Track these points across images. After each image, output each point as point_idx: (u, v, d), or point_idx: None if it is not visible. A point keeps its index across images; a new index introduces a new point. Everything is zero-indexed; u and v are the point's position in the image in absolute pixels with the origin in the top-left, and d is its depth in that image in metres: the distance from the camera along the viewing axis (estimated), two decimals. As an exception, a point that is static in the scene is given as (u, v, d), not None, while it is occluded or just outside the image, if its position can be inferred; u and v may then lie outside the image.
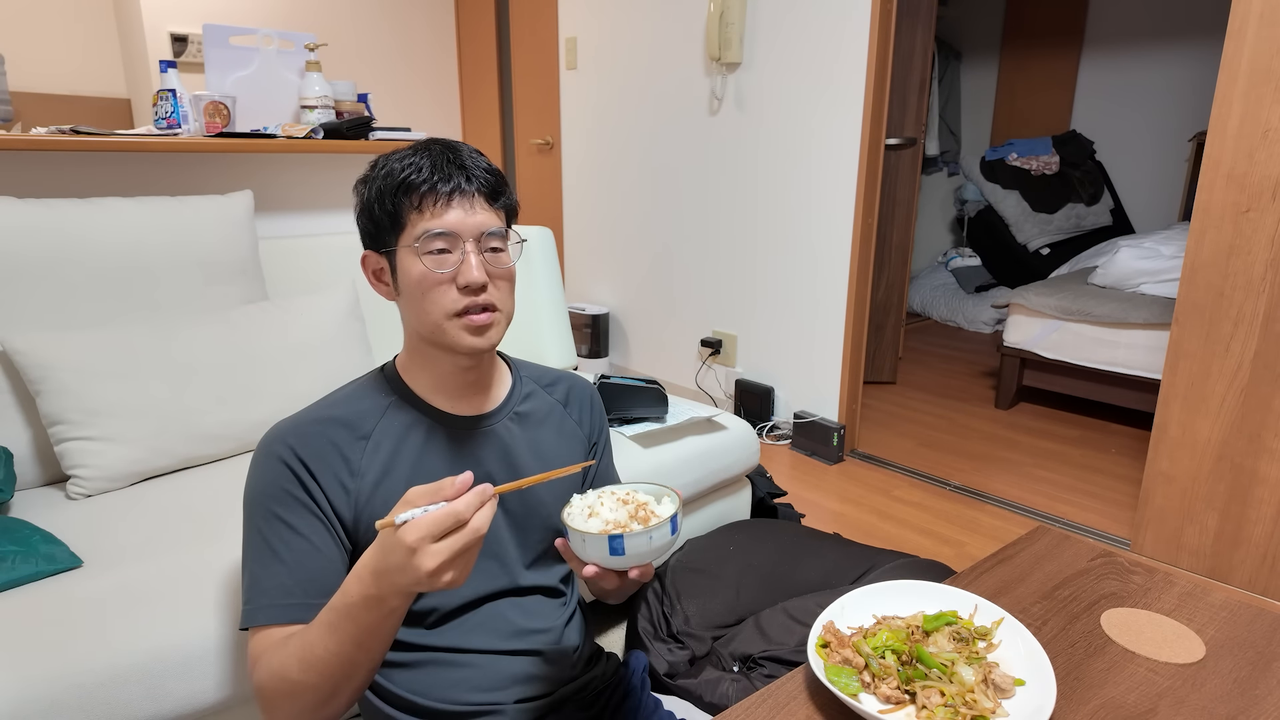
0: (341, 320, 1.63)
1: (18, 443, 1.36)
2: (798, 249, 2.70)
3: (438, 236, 0.82)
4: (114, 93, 3.57)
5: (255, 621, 0.79)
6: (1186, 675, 0.80)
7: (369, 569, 0.69)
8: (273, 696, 0.75)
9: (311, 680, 0.73)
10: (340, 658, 0.72)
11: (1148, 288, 2.86)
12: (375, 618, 0.70)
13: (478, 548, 0.67)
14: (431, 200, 0.82)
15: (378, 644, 0.73)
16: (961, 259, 4.69)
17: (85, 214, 1.43)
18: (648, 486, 0.80)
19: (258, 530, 0.82)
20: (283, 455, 0.83)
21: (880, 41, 2.37)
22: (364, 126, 1.93)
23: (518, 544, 0.93)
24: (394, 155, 0.86)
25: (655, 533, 0.71)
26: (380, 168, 0.86)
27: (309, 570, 0.80)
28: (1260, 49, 1.65)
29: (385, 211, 0.84)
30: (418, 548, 0.64)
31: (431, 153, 0.84)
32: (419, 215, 0.83)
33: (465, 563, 0.67)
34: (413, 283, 0.84)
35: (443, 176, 0.83)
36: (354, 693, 0.76)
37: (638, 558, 0.72)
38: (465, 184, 0.83)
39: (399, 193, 0.83)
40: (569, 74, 3.41)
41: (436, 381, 0.91)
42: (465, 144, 0.88)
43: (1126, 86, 4.33)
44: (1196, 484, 1.88)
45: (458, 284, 0.83)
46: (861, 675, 0.74)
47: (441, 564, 0.64)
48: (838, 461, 2.65)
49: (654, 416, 1.73)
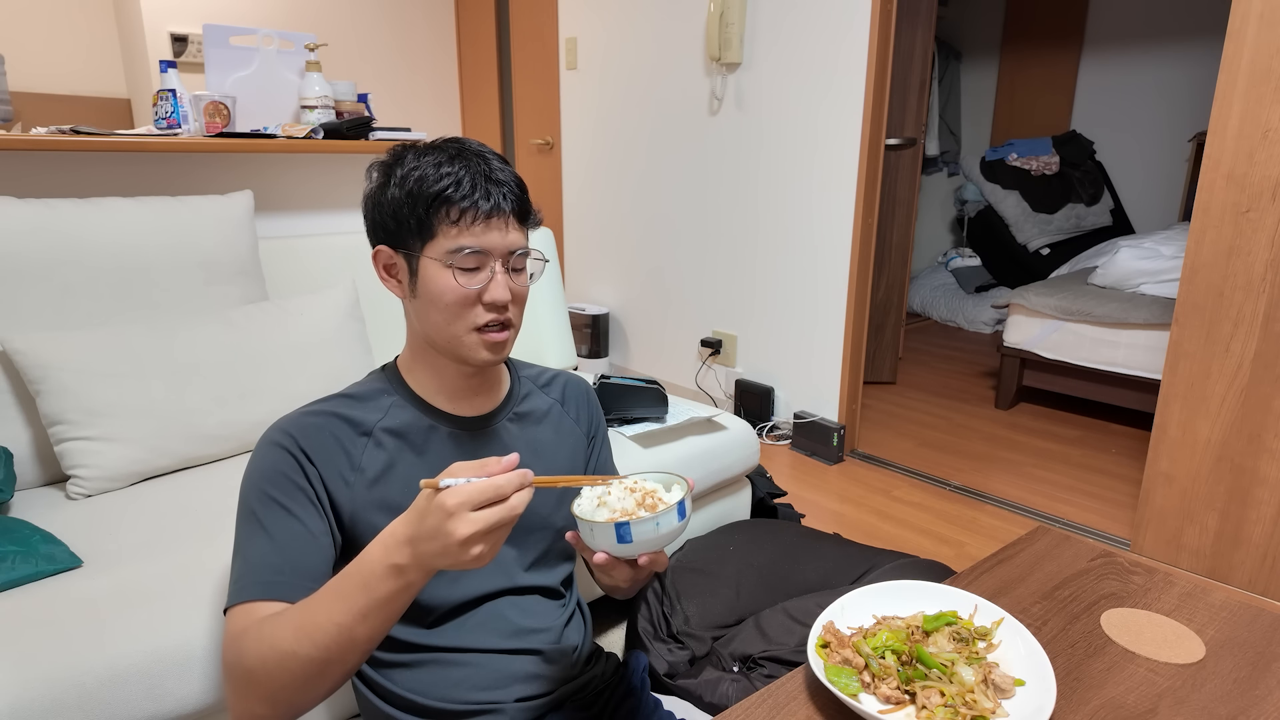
0: (341, 320, 1.63)
1: (18, 443, 1.36)
2: (798, 249, 2.70)
3: (472, 254, 0.82)
4: (114, 93, 3.57)
5: (242, 597, 0.77)
6: (1186, 675, 0.80)
7: (401, 534, 0.69)
8: (254, 669, 0.72)
9: (304, 650, 0.70)
10: (342, 629, 0.69)
11: (1148, 288, 2.86)
12: (391, 589, 0.69)
13: (509, 528, 0.67)
14: (470, 217, 0.82)
15: (380, 622, 0.70)
16: (961, 259, 4.69)
17: (85, 214, 1.43)
18: (658, 475, 0.80)
19: (251, 512, 0.81)
20: (284, 443, 0.83)
21: (880, 41, 2.37)
22: (364, 126, 1.93)
23: (516, 545, 0.93)
24: (422, 155, 0.84)
25: (662, 519, 0.71)
26: (409, 166, 0.84)
27: (300, 552, 0.79)
28: (1260, 49, 1.65)
29: (414, 216, 0.83)
30: (456, 512, 0.64)
31: (468, 164, 0.83)
32: (453, 229, 0.82)
33: (496, 540, 0.67)
34: (436, 293, 0.84)
35: (483, 194, 0.82)
36: (339, 678, 0.73)
37: (645, 544, 0.72)
38: (502, 202, 0.83)
39: (435, 203, 0.82)
40: (569, 74, 3.41)
41: (439, 383, 0.91)
42: (489, 149, 0.88)
43: (1126, 86, 4.33)
44: (1196, 484, 1.88)
45: (483, 301, 0.84)
46: (861, 675, 0.74)
47: (475, 534, 0.64)
48: (838, 461, 2.65)
49: (654, 416, 1.73)
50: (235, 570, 0.79)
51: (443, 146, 0.85)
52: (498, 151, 0.88)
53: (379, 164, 0.88)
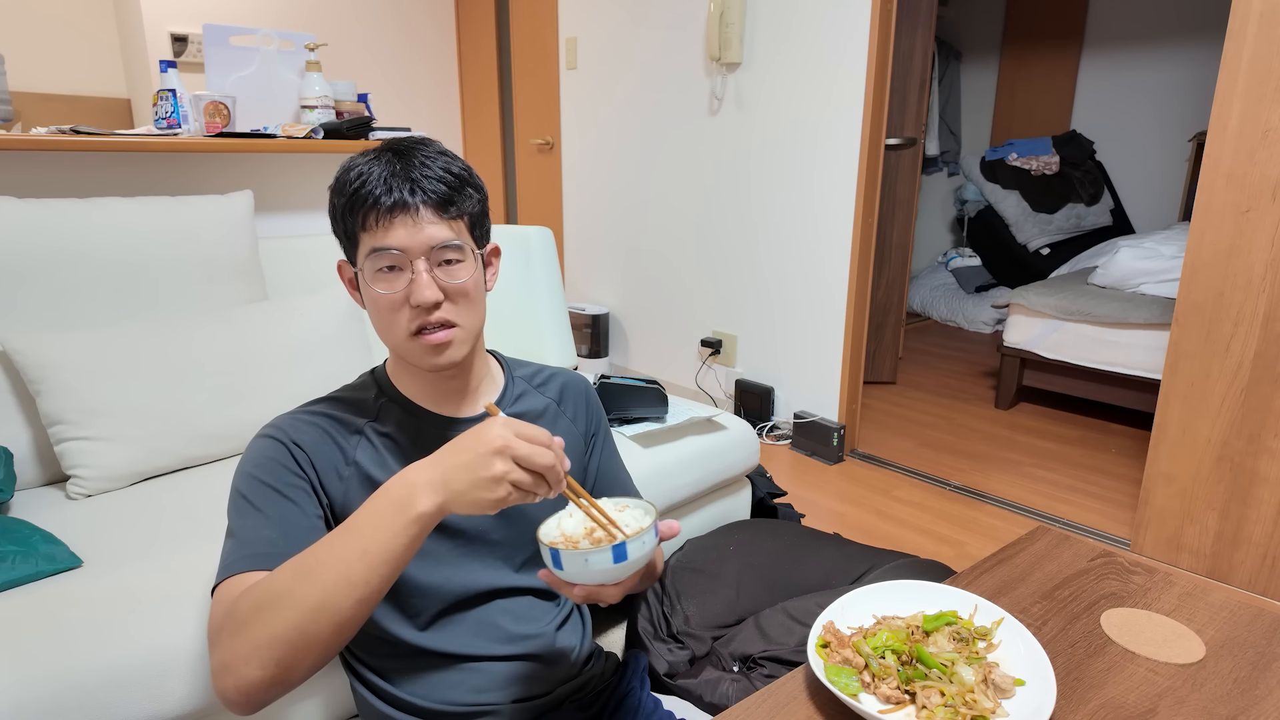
0: (341, 320, 1.63)
1: (18, 443, 1.36)
2: (798, 249, 2.70)
3: (384, 255, 0.79)
4: (114, 93, 3.57)
5: (234, 570, 0.74)
6: (1186, 675, 0.80)
7: (428, 461, 0.69)
8: (246, 619, 0.67)
9: (301, 590, 0.66)
10: (341, 563, 0.66)
11: (1148, 288, 2.86)
12: (396, 523, 0.67)
13: (536, 489, 0.67)
14: (374, 217, 0.79)
15: (379, 564, 0.67)
16: (961, 259, 4.69)
17: (85, 214, 1.43)
18: (639, 508, 0.76)
19: (243, 497, 0.79)
20: (276, 436, 0.83)
21: (880, 41, 2.37)
22: (364, 126, 1.93)
23: (507, 544, 0.92)
24: (356, 160, 0.82)
25: (592, 556, 0.67)
26: (344, 171, 0.82)
27: (295, 528, 0.77)
28: (1260, 49, 1.65)
29: (345, 224, 0.82)
30: (509, 425, 0.66)
31: (382, 161, 0.80)
32: (367, 233, 0.80)
33: (518, 481, 0.66)
34: (369, 302, 0.82)
35: (385, 190, 0.78)
36: (330, 631, 0.67)
37: (575, 576, 0.68)
38: (409, 196, 0.78)
39: (349, 209, 0.80)
40: (569, 74, 3.41)
41: (421, 387, 0.91)
42: (426, 145, 0.84)
43: (1126, 86, 4.33)
44: (1196, 484, 1.88)
45: (410, 303, 0.80)
46: (861, 675, 0.74)
47: (510, 447, 0.65)
48: (838, 461, 2.65)
49: (654, 416, 1.73)
50: (226, 549, 0.77)
51: (382, 147, 0.83)
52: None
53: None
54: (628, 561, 0.68)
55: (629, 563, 0.68)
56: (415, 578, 0.86)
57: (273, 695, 0.69)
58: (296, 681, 0.69)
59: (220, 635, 0.69)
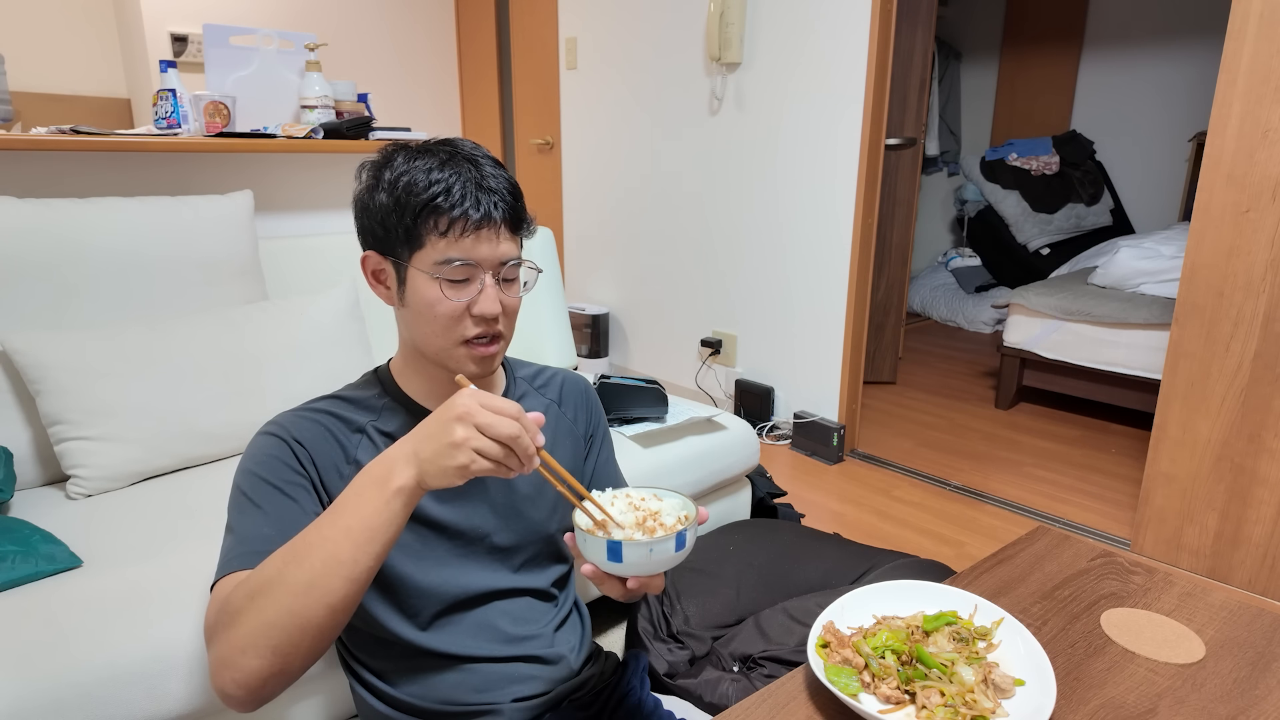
0: (341, 320, 1.63)
1: (18, 443, 1.36)
2: (798, 249, 2.70)
3: (461, 266, 0.80)
4: (114, 93, 3.57)
5: (232, 567, 0.74)
6: (1186, 675, 0.80)
7: (404, 440, 0.70)
8: (241, 608, 0.68)
9: (290, 572, 0.67)
10: (329, 543, 0.67)
11: (1148, 288, 2.86)
12: (378, 499, 0.68)
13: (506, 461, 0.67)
14: (459, 228, 0.79)
15: (365, 541, 0.67)
16: (961, 259, 4.69)
17: (85, 214, 1.43)
18: (673, 498, 0.76)
19: (243, 494, 0.79)
20: (278, 434, 0.83)
21: (880, 41, 2.37)
22: (364, 126, 1.93)
23: (506, 545, 0.92)
24: (413, 159, 0.81)
25: (657, 545, 0.68)
26: (398, 170, 0.81)
27: (295, 526, 0.76)
28: (1260, 49, 1.65)
29: (402, 225, 0.80)
30: (475, 395, 0.67)
31: (459, 171, 0.80)
32: (442, 240, 0.79)
33: (481, 449, 0.66)
34: (423, 305, 0.82)
35: (473, 203, 0.79)
36: (321, 612, 0.67)
37: (635, 568, 0.69)
38: (493, 211, 0.80)
39: (423, 212, 0.79)
40: (569, 74, 3.41)
41: (430, 388, 0.91)
42: (482, 152, 0.84)
43: (1126, 86, 4.33)
44: (1196, 484, 1.88)
45: (472, 313, 0.81)
46: (861, 675, 0.74)
47: (471, 414, 0.65)
48: (838, 461, 2.65)
49: (654, 416, 1.73)
50: (225, 546, 0.77)
51: (434, 150, 0.82)
52: (493, 154, 0.86)
53: (369, 164, 0.84)
54: (686, 548, 0.70)
55: (686, 549, 0.71)
56: (414, 578, 0.86)
57: (272, 687, 0.69)
58: (295, 671, 0.69)
59: (216, 630, 0.70)
